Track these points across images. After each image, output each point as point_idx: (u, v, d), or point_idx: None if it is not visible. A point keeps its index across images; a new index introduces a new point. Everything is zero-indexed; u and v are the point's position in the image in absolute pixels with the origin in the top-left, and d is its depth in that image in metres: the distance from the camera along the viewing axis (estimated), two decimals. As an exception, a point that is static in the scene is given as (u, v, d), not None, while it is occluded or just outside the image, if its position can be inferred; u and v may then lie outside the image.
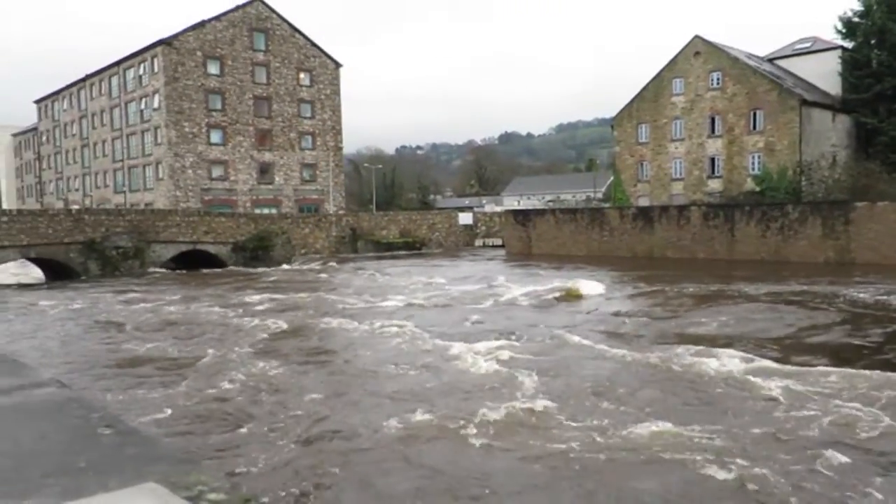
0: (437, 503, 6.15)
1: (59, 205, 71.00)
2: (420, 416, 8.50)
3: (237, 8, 58.32)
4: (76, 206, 62.18)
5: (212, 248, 39.08)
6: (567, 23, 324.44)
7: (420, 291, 23.25)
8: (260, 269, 36.23)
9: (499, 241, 51.20)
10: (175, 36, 55.14)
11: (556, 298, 20.72)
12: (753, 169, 44.74)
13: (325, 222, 48.58)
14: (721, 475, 6.46)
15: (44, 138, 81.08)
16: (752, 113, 44.79)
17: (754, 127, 44.76)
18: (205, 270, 36.22)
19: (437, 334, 14.55)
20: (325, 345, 14.13)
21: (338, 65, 64.51)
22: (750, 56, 48.90)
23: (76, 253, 33.95)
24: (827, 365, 11.24)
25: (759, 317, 16.71)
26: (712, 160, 46.96)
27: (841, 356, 12.23)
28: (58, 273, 34.09)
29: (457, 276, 29.70)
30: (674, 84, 48.38)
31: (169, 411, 9.15)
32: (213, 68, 56.73)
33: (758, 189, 42.74)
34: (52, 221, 34.08)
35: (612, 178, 65.83)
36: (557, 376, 10.76)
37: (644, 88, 50.23)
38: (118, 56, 61.47)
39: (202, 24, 56.35)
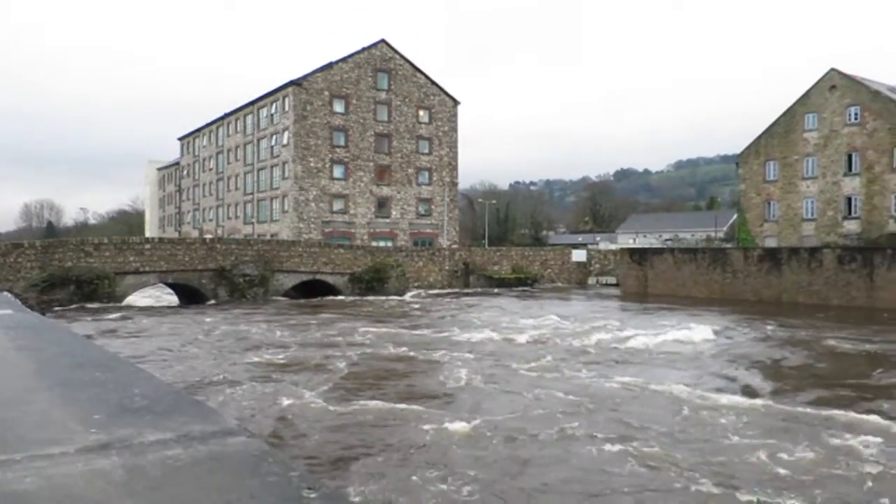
0: None
1: (195, 234, 76.31)
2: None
3: (363, 50, 61.12)
4: (209, 236, 66.60)
5: (330, 279, 40.57)
6: (685, 56, 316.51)
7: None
8: (380, 298, 37.20)
9: (613, 280, 49.96)
10: (304, 77, 58.43)
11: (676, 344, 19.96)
12: (897, 210, 41.46)
13: (439, 256, 49.29)
14: None
15: (184, 172, 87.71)
16: (895, 150, 41.67)
17: (898, 165, 41.58)
18: (322, 299, 37.58)
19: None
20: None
21: (456, 102, 65.95)
22: (892, 89, 45.64)
23: (208, 279, 36.24)
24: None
25: None
26: (849, 200, 43.94)
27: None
28: (190, 297, 36.46)
29: (584, 315, 29.19)
30: (806, 119, 45.89)
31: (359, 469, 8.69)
32: (338, 107, 59.54)
33: (902, 232, 39.51)
34: (189, 249, 36.64)
35: (734, 217, 62.96)
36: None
37: (773, 124, 47.96)
38: (254, 97, 65.87)
39: (330, 65, 59.43)
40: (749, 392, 13.31)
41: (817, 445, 9.51)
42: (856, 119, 43.43)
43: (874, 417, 11.04)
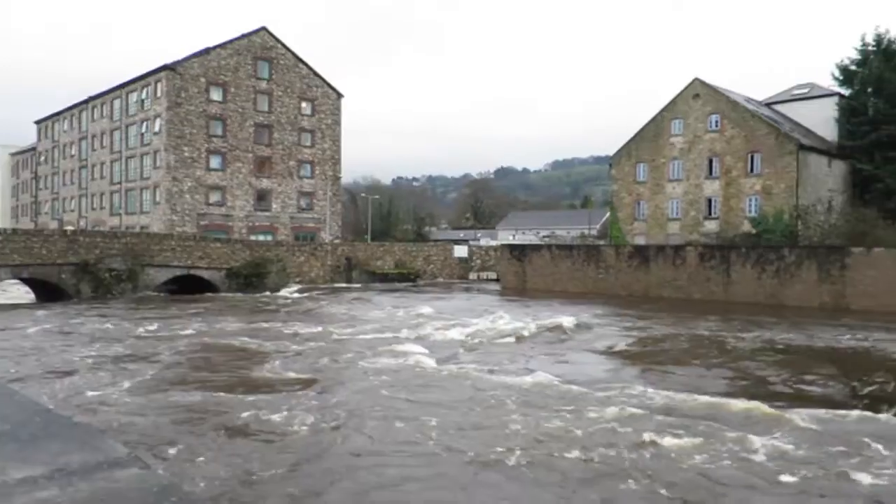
0: None
1: (54, 225, 70.62)
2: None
3: (243, 36, 58.78)
4: (71, 228, 61.82)
5: (206, 274, 38.79)
6: (563, 62, 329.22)
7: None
8: (256, 294, 35.92)
9: (493, 275, 51.01)
10: (179, 62, 55.42)
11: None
12: (750, 211, 44.95)
13: (321, 251, 48.36)
14: None
15: (42, 158, 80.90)
16: (749, 156, 45.15)
17: (752, 170, 45.08)
18: (195, 295, 35.85)
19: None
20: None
21: (339, 95, 64.90)
22: (748, 100, 49.46)
23: (69, 274, 33.60)
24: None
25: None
26: (709, 201, 47.17)
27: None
28: (49, 294, 33.66)
29: (451, 308, 29.50)
30: (673, 125, 48.80)
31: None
32: (215, 95, 56.96)
33: (754, 231, 42.87)
34: (47, 242, 33.80)
35: (607, 215, 66.01)
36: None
37: (643, 128, 50.60)
38: (122, 80, 61.79)
39: (207, 51, 56.71)
40: (548, 372, 14.52)
41: (573, 415, 10.93)
42: (716, 126, 46.67)
43: (646, 389, 12.89)
